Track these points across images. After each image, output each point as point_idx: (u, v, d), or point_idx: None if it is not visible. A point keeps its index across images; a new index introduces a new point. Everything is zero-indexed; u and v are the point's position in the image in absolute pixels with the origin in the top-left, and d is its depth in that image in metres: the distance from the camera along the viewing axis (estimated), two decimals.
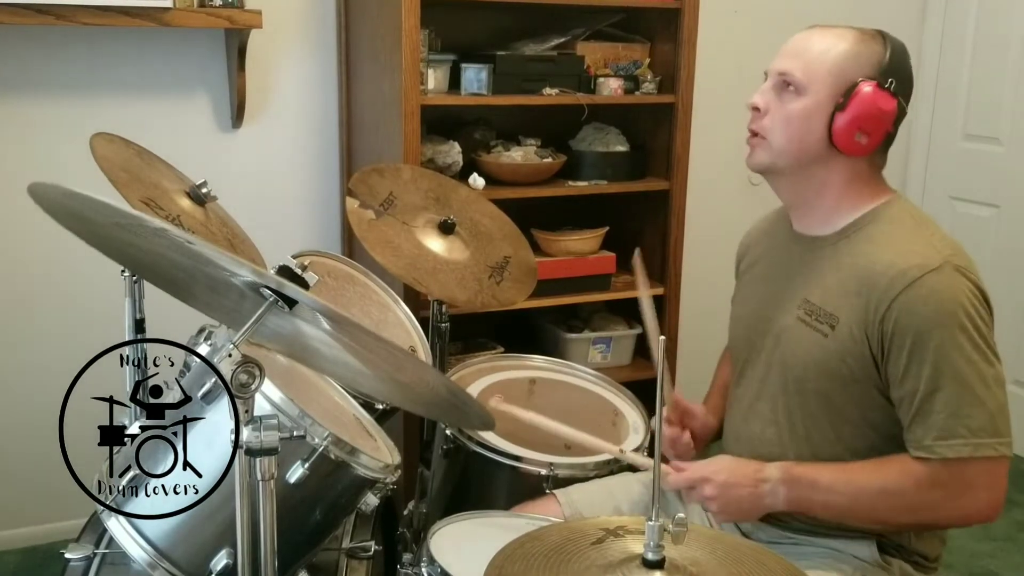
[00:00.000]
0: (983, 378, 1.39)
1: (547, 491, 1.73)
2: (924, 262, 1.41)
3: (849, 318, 1.46)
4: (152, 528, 1.33)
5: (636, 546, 1.05)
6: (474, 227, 2.21)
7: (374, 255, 2.02)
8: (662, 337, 1.11)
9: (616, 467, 1.82)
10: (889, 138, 1.50)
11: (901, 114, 1.49)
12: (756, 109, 1.54)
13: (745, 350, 1.67)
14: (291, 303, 1.14)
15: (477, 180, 2.33)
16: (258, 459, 1.13)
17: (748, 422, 1.64)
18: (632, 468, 1.81)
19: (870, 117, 1.46)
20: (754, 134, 1.55)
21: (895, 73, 1.47)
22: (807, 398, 1.53)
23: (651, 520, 1.02)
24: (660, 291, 2.79)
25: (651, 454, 1.92)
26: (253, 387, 1.11)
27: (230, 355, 1.10)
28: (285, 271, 1.25)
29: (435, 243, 2.13)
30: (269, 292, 1.13)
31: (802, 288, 1.55)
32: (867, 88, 1.45)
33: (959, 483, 1.40)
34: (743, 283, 1.76)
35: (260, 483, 1.14)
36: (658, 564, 1.02)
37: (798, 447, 1.55)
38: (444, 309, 2.16)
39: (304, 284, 1.22)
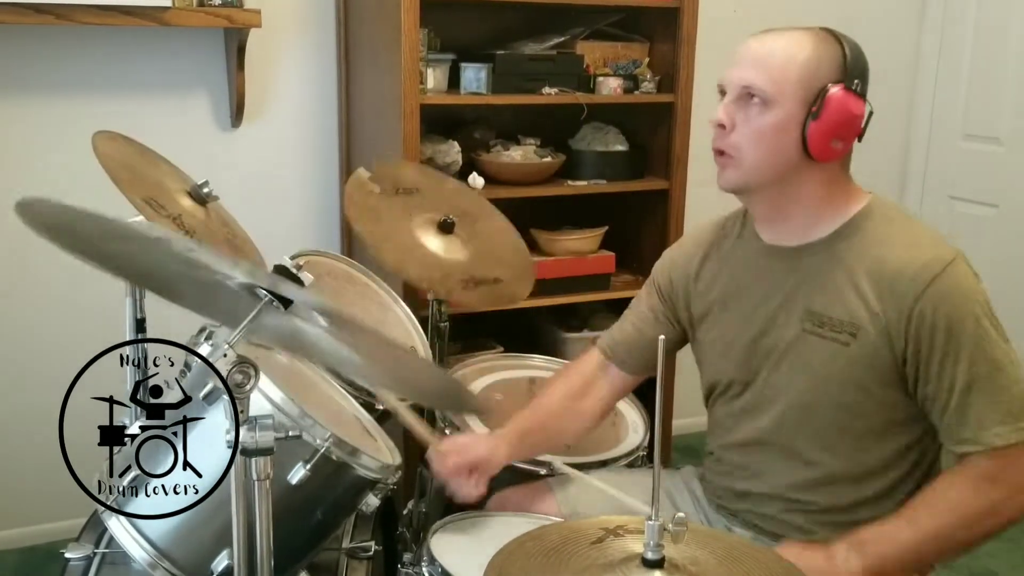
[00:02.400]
0: (1012, 361, 1.37)
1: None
2: (940, 255, 1.39)
3: (872, 324, 1.40)
4: (153, 528, 1.33)
5: (636, 545, 1.05)
6: (483, 242, 2.18)
7: (351, 217, 2.00)
8: (662, 336, 1.11)
9: (611, 467, 1.81)
10: (859, 137, 1.46)
11: (869, 113, 1.45)
12: (721, 127, 1.45)
13: (736, 372, 1.57)
14: (286, 303, 1.14)
15: (477, 179, 2.33)
16: (253, 459, 1.13)
17: (749, 452, 1.57)
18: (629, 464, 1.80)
19: (844, 123, 1.41)
20: (721, 153, 1.47)
21: (858, 73, 1.43)
22: (823, 412, 1.47)
23: (651, 519, 1.02)
24: None
25: (650, 456, 1.92)
26: (248, 387, 1.11)
27: (225, 355, 1.10)
28: (280, 271, 1.25)
29: (432, 240, 2.11)
30: (264, 292, 1.13)
31: (800, 299, 1.48)
32: (837, 93, 1.40)
33: (1016, 472, 1.35)
34: (703, 304, 1.63)
35: (256, 483, 1.14)
36: (658, 563, 1.03)
37: (812, 467, 1.50)
38: (444, 309, 2.15)
39: (299, 284, 1.22)
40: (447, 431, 1.87)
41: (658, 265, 1.74)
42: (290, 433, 1.23)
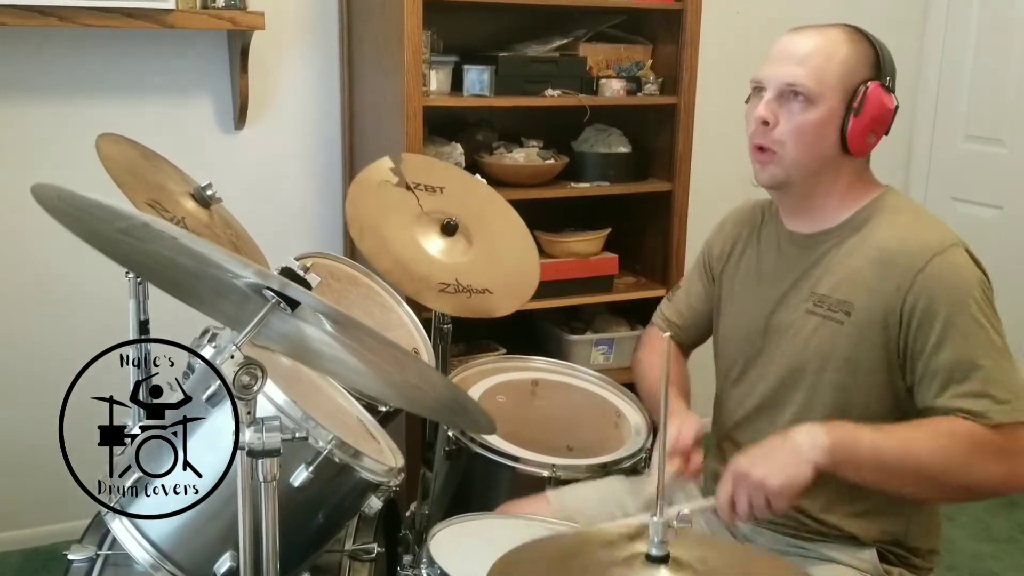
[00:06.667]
0: (1002, 352, 1.40)
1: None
2: (941, 239, 1.44)
3: (867, 302, 1.46)
4: (155, 529, 1.33)
5: (640, 544, 1.05)
6: (489, 248, 2.15)
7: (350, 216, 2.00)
8: (667, 334, 1.11)
9: (613, 469, 1.81)
10: (887, 131, 1.54)
11: (895, 109, 1.52)
12: (765, 123, 1.49)
13: (745, 351, 1.65)
14: (293, 305, 1.14)
15: (480, 181, 2.33)
16: (260, 461, 1.13)
17: (753, 423, 1.63)
18: (629, 471, 1.79)
19: (880, 118, 1.49)
20: (762, 149, 1.51)
21: (890, 70, 1.52)
22: (821, 390, 1.51)
23: (655, 516, 1.02)
24: (662, 292, 2.79)
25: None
26: (255, 389, 1.11)
27: (232, 356, 1.10)
28: (287, 273, 1.25)
29: (432, 242, 2.10)
30: (271, 294, 1.13)
31: (808, 283, 1.54)
32: (875, 90, 1.48)
33: (1013, 449, 1.35)
34: (730, 284, 1.71)
35: (262, 485, 1.14)
36: (662, 560, 1.02)
37: None
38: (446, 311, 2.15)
39: (306, 286, 1.22)
40: None
41: (706, 240, 1.82)
42: (296, 435, 1.23)
